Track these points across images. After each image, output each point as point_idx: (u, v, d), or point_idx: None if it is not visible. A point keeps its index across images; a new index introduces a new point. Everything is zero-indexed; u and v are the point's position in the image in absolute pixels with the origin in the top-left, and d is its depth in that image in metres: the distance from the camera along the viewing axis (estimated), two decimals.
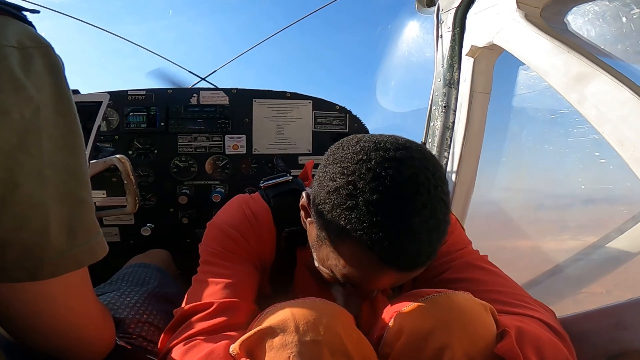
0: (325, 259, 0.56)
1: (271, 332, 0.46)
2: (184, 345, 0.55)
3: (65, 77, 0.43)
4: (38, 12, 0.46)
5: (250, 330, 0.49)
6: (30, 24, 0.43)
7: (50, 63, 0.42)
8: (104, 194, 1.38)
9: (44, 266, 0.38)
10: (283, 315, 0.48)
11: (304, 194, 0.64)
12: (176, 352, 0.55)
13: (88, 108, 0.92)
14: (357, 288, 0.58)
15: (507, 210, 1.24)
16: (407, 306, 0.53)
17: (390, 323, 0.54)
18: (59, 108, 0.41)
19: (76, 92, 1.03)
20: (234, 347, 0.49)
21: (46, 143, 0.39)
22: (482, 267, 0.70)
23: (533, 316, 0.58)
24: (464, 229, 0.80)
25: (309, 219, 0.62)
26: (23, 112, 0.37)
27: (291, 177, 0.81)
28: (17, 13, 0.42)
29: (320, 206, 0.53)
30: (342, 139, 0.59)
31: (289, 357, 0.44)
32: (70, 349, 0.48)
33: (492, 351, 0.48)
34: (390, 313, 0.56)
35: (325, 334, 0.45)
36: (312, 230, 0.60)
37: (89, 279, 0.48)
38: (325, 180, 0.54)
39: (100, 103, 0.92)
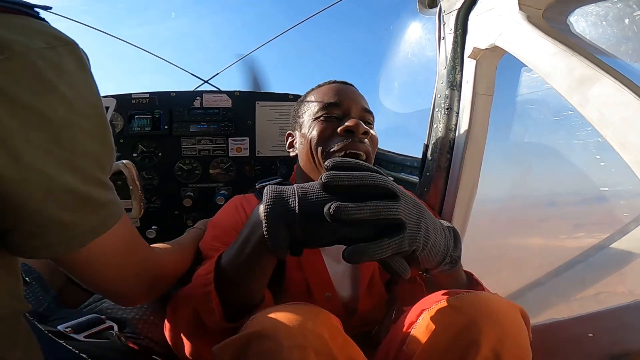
0: (311, 116, 0.85)
1: (256, 337, 0.46)
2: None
3: (91, 70, 0.46)
4: (50, 8, 0.47)
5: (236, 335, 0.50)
6: (44, 20, 0.45)
7: (78, 60, 0.44)
8: None
9: (78, 237, 0.44)
10: (268, 320, 0.48)
11: (288, 132, 0.97)
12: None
13: None
14: (338, 111, 0.83)
15: (510, 211, 1.24)
16: (436, 304, 0.55)
17: (419, 321, 0.56)
18: (92, 101, 0.44)
19: None
20: (216, 349, 0.49)
21: (79, 135, 0.42)
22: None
23: None
24: None
25: (293, 139, 0.94)
26: (57, 111, 0.40)
27: (282, 180, 0.97)
28: (30, 12, 0.43)
29: (293, 117, 0.96)
30: None
31: None
32: (144, 287, 0.59)
33: (523, 349, 0.50)
34: (417, 311, 0.58)
35: (310, 338, 0.46)
36: (298, 134, 0.90)
37: (132, 228, 0.54)
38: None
39: (106, 108, 0.93)
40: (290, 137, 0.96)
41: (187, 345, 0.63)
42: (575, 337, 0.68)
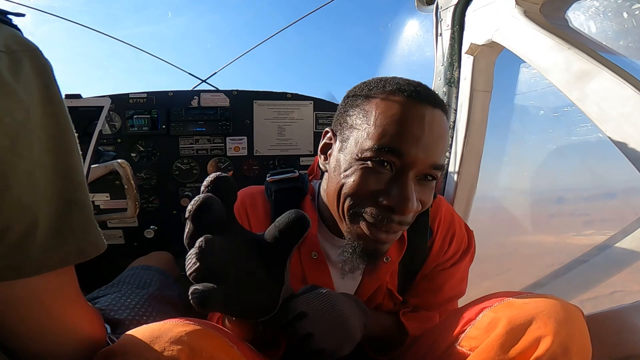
0: (357, 146, 0.61)
1: (111, 354, 0.45)
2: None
3: (54, 79, 0.44)
4: (23, 15, 0.46)
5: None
6: (15, 27, 0.43)
7: (38, 66, 0.42)
8: (107, 196, 1.38)
9: (28, 264, 0.38)
10: (126, 337, 0.48)
11: (327, 129, 0.72)
12: None
13: (89, 112, 0.93)
14: (397, 161, 0.59)
15: (508, 208, 1.23)
16: (499, 302, 0.56)
17: (479, 317, 0.56)
18: (49, 110, 0.41)
19: (78, 96, 1.04)
20: None
21: (36, 145, 0.39)
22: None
23: None
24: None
25: (330, 149, 0.70)
26: (14, 116, 0.37)
27: (298, 174, 0.81)
28: (2, 17, 0.42)
29: (341, 113, 0.69)
30: None
31: None
32: (56, 352, 0.48)
33: (588, 348, 0.50)
34: (477, 310, 0.58)
35: (160, 356, 0.44)
36: (335, 151, 0.67)
37: (76, 281, 0.48)
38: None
39: (101, 107, 0.92)
40: (327, 137, 0.72)
41: None
42: None
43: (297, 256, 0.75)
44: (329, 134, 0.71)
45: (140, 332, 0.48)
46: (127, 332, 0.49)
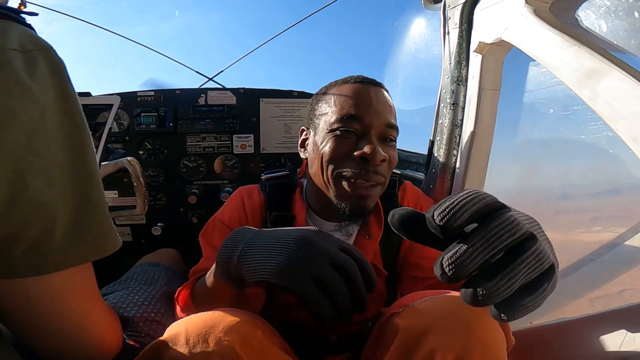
0: (326, 124, 0.77)
1: (164, 345, 0.47)
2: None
3: (68, 77, 0.44)
4: (36, 14, 0.47)
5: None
6: (29, 26, 0.44)
7: (53, 65, 0.42)
8: (115, 194, 1.40)
9: (48, 261, 0.39)
10: (177, 328, 0.49)
11: (302, 127, 0.89)
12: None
13: (99, 110, 0.94)
14: (357, 126, 0.74)
15: (515, 205, 1.22)
16: (405, 307, 0.54)
17: (388, 325, 0.55)
18: (64, 108, 0.42)
19: (88, 94, 1.05)
20: (140, 356, 0.49)
21: (53, 143, 0.40)
22: None
23: None
24: None
25: (306, 138, 0.86)
26: (30, 114, 0.37)
27: (288, 172, 0.94)
28: (16, 17, 0.42)
29: (309, 111, 0.85)
30: None
31: None
32: (75, 351, 0.48)
33: (495, 356, 0.47)
34: (387, 315, 0.57)
35: (217, 346, 0.46)
36: (311, 138, 0.82)
37: (94, 279, 0.48)
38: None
39: (111, 106, 0.93)
40: (303, 134, 0.88)
41: None
42: (584, 338, 0.67)
43: None
44: (305, 131, 0.88)
45: (192, 322, 0.49)
46: (182, 321, 0.50)
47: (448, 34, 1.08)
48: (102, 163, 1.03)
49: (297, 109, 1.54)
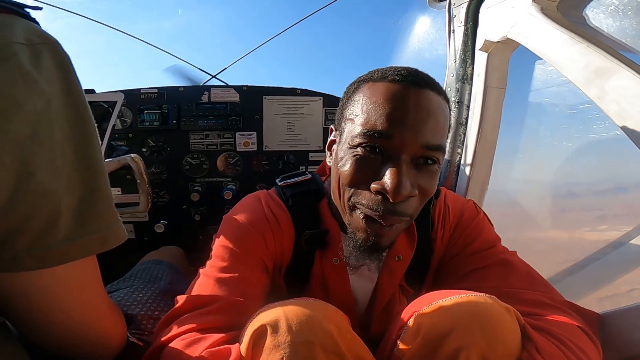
0: (349, 135, 0.61)
1: (264, 332, 0.46)
2: (182, 340, 0.53)
3: (74, 71, 0.44)
4: (41, 8, 0.47)
5: (244, 330, 0.49)
6: (34, 20, 0.44)
7: (58, 58, 0.42)
8: (119, 191, 1.40)
9: (52, 253, 0.39)
10: (275, 315, 0.47)
11: (331, 126, 0.72)
12: (174, 345, 0.53)
13: (103, 107, 0.94)
14: (385, 144, 0.57)
15: (520, 204, 1.22)
16: (427, 307, 0.53)
17: (410, 323, 0.54)
18: (70, 100, 0.42)
19: (92, 91, 1.05)
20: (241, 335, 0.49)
21: (58, 134, 0.39)
22: (512, 265, 0.68)
23: (561, 321, 0.56)
24: (492, 225, 0.78)
25: (334, 143, 0.70)
26: (35, 105, 0.37)
27: (310, 176, 0.80)
28: (20, 11, 0.42)
29: (339, 107, 0.69)
30: None
31: (282, 357, 0.44)
32: (80, 346, 0.48)
33: (514, 356, 0.47)
34: (409, 313, 0.56)
35: (319, 334, 0.45)
36: (337, 144, 0.67)
37: (98, 273, 0.48)
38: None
39: (115, 102, 0.93)
40: (331, 134, 0.72)
41: None
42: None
43: (318, 263, 0.74)
44: (334, 132, 0.71)
45: (290, 310, 0.48)
46: (276, 308, 0.49)
47: (453, 32, 1.07)
48: (106, 160, 1.03)
49: (300, 107, 1.53)
